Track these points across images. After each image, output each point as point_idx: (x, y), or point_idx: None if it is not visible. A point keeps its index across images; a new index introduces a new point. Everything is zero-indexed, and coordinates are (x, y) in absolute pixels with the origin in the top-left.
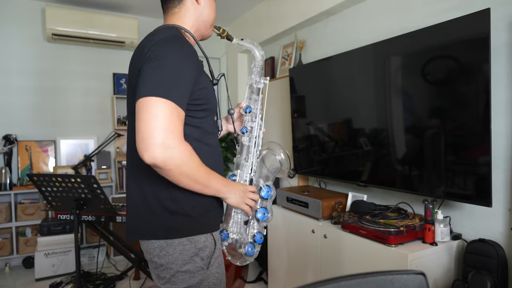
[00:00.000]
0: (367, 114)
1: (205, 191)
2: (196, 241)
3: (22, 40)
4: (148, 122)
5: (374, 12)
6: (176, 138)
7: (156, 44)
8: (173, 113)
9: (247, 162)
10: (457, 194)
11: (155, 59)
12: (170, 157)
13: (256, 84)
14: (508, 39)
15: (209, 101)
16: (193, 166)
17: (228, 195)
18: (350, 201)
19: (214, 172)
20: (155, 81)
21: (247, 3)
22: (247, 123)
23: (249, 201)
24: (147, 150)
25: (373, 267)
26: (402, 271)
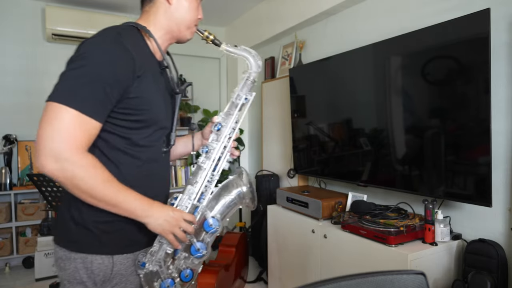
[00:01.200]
0: (367, 114)
1: (113, 210)
2: (91, 261)
3: (22, 40)
4: (44, 129)
5: (374, 12)
6: (71, 150)
7: (84, 42)
8: (75, 123)
9: (194, 187)
10: (457, 194)
11: (75, 59)
12: (60, 169)
13: (236, 99)
14: (508, 39)
15: (145, 112)
16: (92, 182)
17: (148, 220)
18: (350, 201)
19: (131, 190)
20: (65, 85)
21: (247, 3)
22: (210, 142)
23: (178, 231)
24: (38, 157)
25: (373, 267)
26: (402, 271)
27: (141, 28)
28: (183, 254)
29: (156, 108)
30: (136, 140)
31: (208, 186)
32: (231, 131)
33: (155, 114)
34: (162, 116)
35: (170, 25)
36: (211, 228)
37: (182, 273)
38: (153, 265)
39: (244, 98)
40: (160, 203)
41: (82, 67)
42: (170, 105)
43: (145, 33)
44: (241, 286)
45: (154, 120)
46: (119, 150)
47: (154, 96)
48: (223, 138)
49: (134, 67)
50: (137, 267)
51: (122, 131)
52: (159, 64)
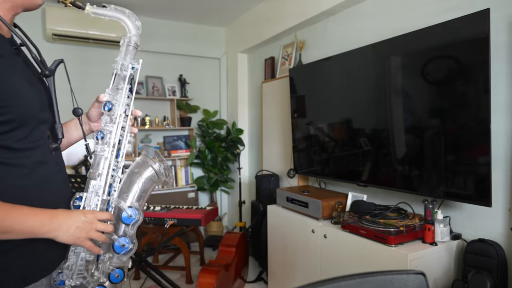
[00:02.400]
0: (367, 114)
1: (7, 237)
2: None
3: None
4: None
5: (374, 12)
6: None
7: None
8: None
9: (99, 181)
10: (457, 194)
11: None
12: None
13: (122, 70)
14: (508, 39)
15: (12, 109)
16: None
17: (56, 233)
18: (350, 201)
19: (22, 207)
20: None
21: (247, 3)
22: (104, 126)
23: (97, 235)
24: None
25: (373, 267)
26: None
27: None
28: (106, 256)
29: (25, 101)
30: (13, 145)
31: (114, 175)
32: (125, 108)
33: (26, 108)
34: (36, 108)
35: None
36: (132, 219)
37: (111, 276)
38: (75, 280)
39: (131, 68)
40: (65, 210)
41: None
42: (43, 92)
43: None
44: (241, 286)
45: (27, 116)
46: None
47: (17, 86)
48: (117, 118)
49: None
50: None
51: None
52: (11, 43)
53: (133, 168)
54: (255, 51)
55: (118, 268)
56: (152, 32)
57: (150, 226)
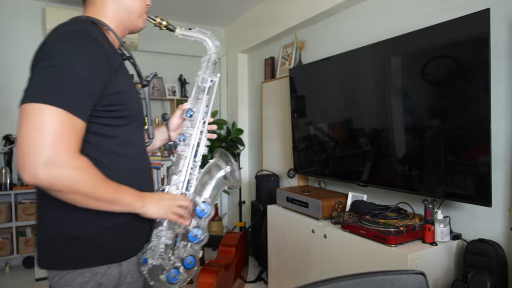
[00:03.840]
0: (367, 114)
1: (113, 208)
2: (97, 273)
3: (22, 40)
4: (30, 135)
5: (374, 12)
6: (66, 153)
7: (51, 38)
8: (64, 123)
9: (179, 176)
10: (457, 194)
11: (48, 57)
12: (58, 177)
13: (203, 82)
14: (508, 39)
15: (128, 106)
16: (91, 183)
17: (146, 208)
18: (350, 201)
19: (122, 185)
20: (44, 85)
21: (247, 3)
22: (186, 129)
23: (178, 210)
24: (26, 168)
25: (373, 267)
26: (402, 271)
27: (97, 22)
28: (182, 243)
29: (134, 102)
30: (124, 137)
31: (192, 173)
32: (204, 115)
33: (135, 108)
34: (139, 110)
35: (121, 15)
36: (204, 213)
37: (185, 261)
38: (156, 260)
39: (210, 81)
40: (151, 192)
41: (55, 66)
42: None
43: (102, 26)
44: (241, 286)
45: (135, 115)
46: (110, 152)
47: (129, 90)
48: (198, 123)
49: (109, 61)
50: (139, 265)
51: (110, 130)
52: (121, 57)
53: (207, 169)
54: (255, 51)
55: (190, 256)
56: (152, 32)
57: None
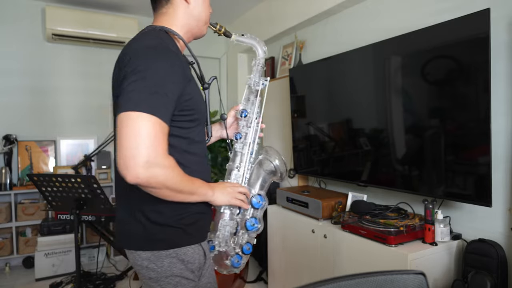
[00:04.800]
0: (367, 114)
1: (191, 198)
2: (184, 253)
3: (22, 40)
4: (130, 139)
5: (374, 12)
6: (160, 155)
7: (140, 52)
8: (157, 128)
9: (239, 171)
10: (457, 194)
11: (139, 70)
12: (153, 176)
13: (255, 85)
14: (508, 39)
15: (197, 110)
16: (177, 180)
17: (216, 196)
18: (350, 201)
19: (197, 179)
20: (138, 95)
21: (247, 3)
22: (242, 128)
23: (240, 196)
24: (128, 169)
25: (373, 267)
26: (402, 271)
27: (169, 31)
28: (241, 232)
29: (202, 105)
30: (193, 137)
31: (248, 168)
32: (257, 115)
33: (202, 110)
34: (205, 112)
35: (191, 23)
36: (260, 204)
37: (244, 248)
38: (222, 247)
39: (262, 84)
40: (217, 182)
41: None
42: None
43: (173, 35)
44: (241, 286)
45: (202, 117)
46: (185, 152)
47: (198, 94)
48: (253, 123)
49: (185, 71)
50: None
51: (183, 132)
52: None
53: (257, 164)
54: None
55: (248, 243)
56: None
57: None
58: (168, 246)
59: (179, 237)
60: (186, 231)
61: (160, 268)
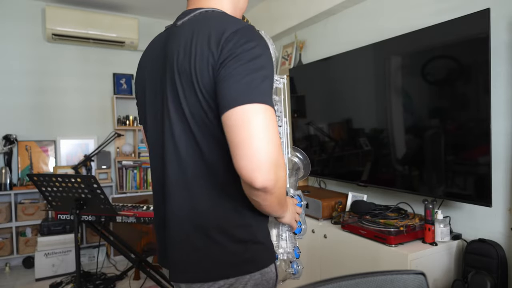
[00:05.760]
0: (367, 114)
1: (278, 213)
2: (267, 273)
3: (22, 40)
4: (262, 138)
5: (374, 12)
6: (282, 154)
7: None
8: (275, 124)
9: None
10: (457, 194)
11: (254, 54)
12: (279, 179)
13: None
14: (508, 39)
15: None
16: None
17: (286, 213)
18: (350, 201)
19: None
20: (252, 84)
21: None
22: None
23: (297, 216)
24: (261, 171)
25: (373, 267)
26: (402, 271)
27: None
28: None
29: None
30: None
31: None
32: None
33: None
34: None
35: (236, 13)
36: (300, 205)
37: (295, 252)
38: (283, 255)
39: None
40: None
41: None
42: None
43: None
44: None
45: None
46: None
47: None
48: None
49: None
50: None
51: None
52: None
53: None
54: None
55: (296, 246)
56: (152, 32)
57: (151, 226)
58: (254, 268)
59: (264, 255)
60: (268, 247)
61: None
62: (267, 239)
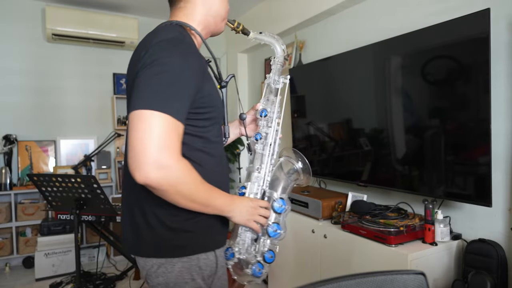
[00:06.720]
0: (367, 114)
1: (205, 210)
2: (197, 260)
3: (22, 40)
4: (141, 139)
5: (374, 12)
6: (172, 156)
7: (155, 46)
8: (170, 128)
9: (259, 173)
10: (457, 194)
11: (153, 65)
12: (164, 177)
13: (275, 84)
14: (508, 39)
15: (214, 108)
16: (191, 185)
17: (233, 214)
18: (350, 201)
19: (216, 189)
20: (152, 92)
21: (247, 3)
22: (261, 129)
23: (259, 218)
24: (139, 169)
25: (373, 267)
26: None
27: (186, 25)
28: (262, 238)
29: (219, 103)
30: (209, 137)
31: (270, 170)
32: (278, 115)
33: (220, 109)
34: (223, 111)
35: (208, 20)
36: (282, 209)
37: (265, 256)
38: (242, 254)
39: (282, 82)
40: (238, 196)
41: (161, 74)
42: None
43: (189, 30)
44: (241, 286)
45: (219, 115)
46: (199, 150)
47: (215, 92)
48: (273, 122)
49: (204, 67)
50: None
51: (198, 130)
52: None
53: (278, 166)
54: (255, 51)
55: (271, 250)
56: None
57: None
58: (181, 253)
59: (193, 243)
60: (200, 238)
61: (170, 273)
62: (200, 228)
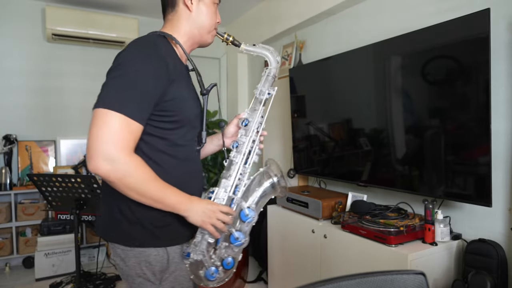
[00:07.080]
0: (367, 114)
1: (157, 206)
2: (148, 255)
3: (22, 40)
4: (95, 134)
5: (374, 12)
6: (120, 150)
7: (123, 51)
8: (122, 126)
9: (228, 180)
10: (457, 194)
11: (116, 68)
12: (112, 170)
13: (260, 95)
14: (508, 39)
15: (180, 112)
16: (139, 180)
17: (188, 213)
18: (350, 201)
19: (172, 187)
20: (110, 92)
21: (247, 3)
22: (240, 137)
23: (217, 222)
24: (91, 160)
25: (373, 267)
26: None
27: (168, 36)
28: (223, 244)
29: (188, 108)
30: (173, 140)
31: (241, 178)
32: (258, 125)
33: (188, 114)
34: (194, 115)
35: (192, 31)
36: (248, 218)
37: (224, 262)
38: (197, 255)
39: (267, 93)
40: (198, 198)
41: (122, 76)
42: (198, 105)
43: (171, 40)
44: (241, 286)
45: (187, 120)
46: (160, 151)
47: (186, 98)
48: (251, 132)
49: (168, 72)
50: (183, 257)
51: (161, 132)
52: (186, 68)
53: (256, 177)
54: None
55: (230, 257)
56: None
57: None
58: (135, 245)
59: (146, 238)
60: (153, 233)
61: (127, 266)
62: (154, 224)
